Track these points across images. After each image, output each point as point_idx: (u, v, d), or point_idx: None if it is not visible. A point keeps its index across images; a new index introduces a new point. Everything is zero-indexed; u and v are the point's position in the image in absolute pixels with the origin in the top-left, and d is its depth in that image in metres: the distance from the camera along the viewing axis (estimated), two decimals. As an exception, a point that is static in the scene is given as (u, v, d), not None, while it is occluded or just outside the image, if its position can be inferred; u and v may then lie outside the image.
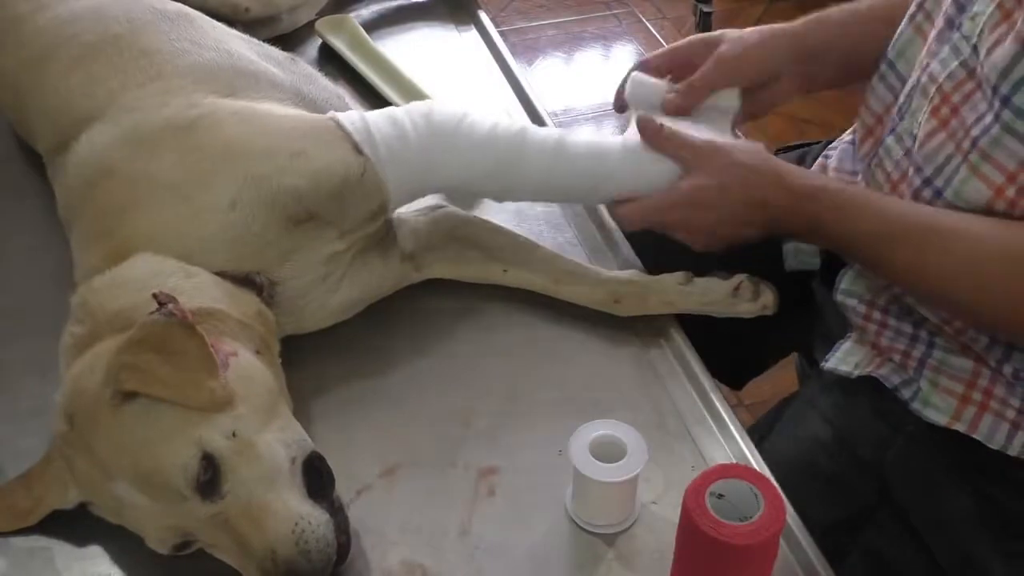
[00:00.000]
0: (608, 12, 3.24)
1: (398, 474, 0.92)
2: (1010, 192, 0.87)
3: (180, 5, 1.15)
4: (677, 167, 1.01)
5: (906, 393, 0.97)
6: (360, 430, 0.97)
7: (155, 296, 0.82)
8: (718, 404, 0.98)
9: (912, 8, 1.01)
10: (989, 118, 0.87)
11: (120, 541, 0.85)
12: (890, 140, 1.00)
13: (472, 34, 1.49)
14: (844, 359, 1.02)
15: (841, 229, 0.95)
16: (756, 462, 0.93)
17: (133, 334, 0.81)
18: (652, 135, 1.02)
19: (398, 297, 1.08)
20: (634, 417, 0.90)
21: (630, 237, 1.14)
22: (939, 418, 0.95)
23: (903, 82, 1.01)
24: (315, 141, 0.97)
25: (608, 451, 0.86)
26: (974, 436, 0.94)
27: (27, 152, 1.20)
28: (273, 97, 1.06)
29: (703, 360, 1.02)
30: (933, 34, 0.96)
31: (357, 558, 0.85)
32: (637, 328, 1.06)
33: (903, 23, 1.02)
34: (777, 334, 1.16)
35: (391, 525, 0.88)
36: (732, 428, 0.96)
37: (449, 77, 1.38)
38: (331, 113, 1.01)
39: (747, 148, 1.01)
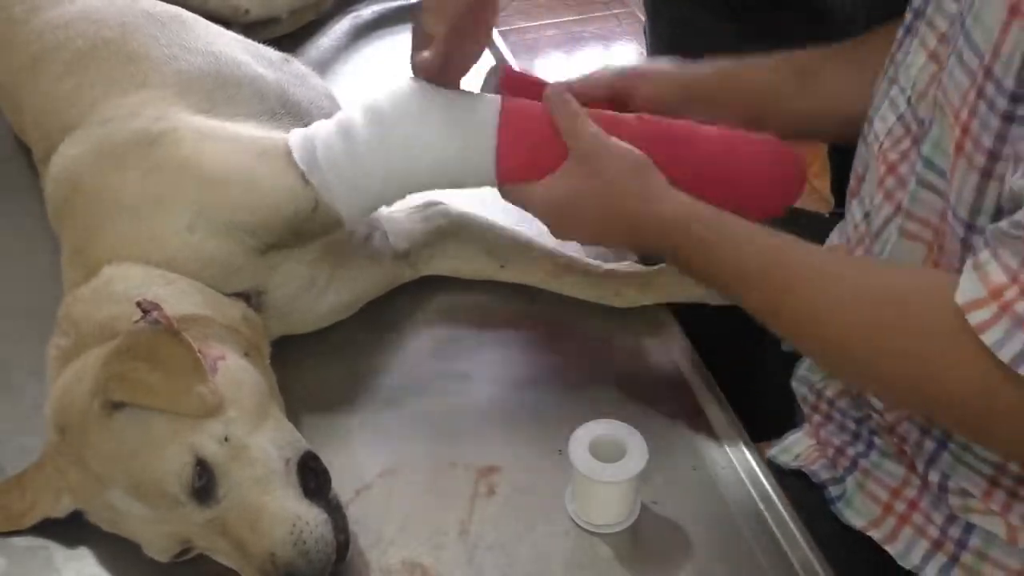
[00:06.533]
0: (608, 12, 3.24)
1: (398, 474, 0.92)
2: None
3: (175, 8, 1.14)
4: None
5: (833, 491, 0.93)
6: (359, 430, 0.96)
7: (139, 304, 0.82)
8: (718, 404, 0.98)
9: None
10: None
11: (119, 540, 0.84)
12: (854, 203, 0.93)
13: (472, 34, 1.49)
14: (787, 450, 0.99)
15: (701, 263, 0.88)
16: (757, 463, 0.93)
17: (119, 343, 0.81)
18: (558, 99, 0.94)
19: (396, 296, 1.08)
20: (634, 417, 0.90)
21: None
22: (857, 520, 0.90)
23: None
24: (266, 172, 0.94)
25: (608, 451, 0.86)
26: (887, 549, 0.88)
27: (27, 152, 1.20)
28: (253, 105, 1.04)
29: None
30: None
31: (357, 558, 0.85)
32: (638, 328, 1.06)
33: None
34: None
35: (390, 524, 0.88)
36: (731, 428, 0.96)
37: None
38: (291, 133, 0.97)
39: (626, 160, 0.91)
